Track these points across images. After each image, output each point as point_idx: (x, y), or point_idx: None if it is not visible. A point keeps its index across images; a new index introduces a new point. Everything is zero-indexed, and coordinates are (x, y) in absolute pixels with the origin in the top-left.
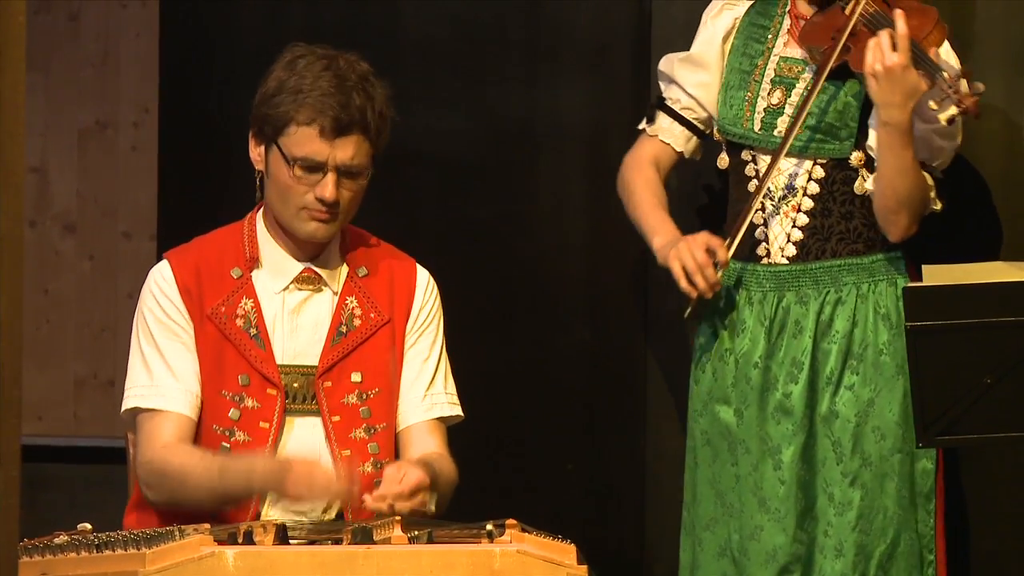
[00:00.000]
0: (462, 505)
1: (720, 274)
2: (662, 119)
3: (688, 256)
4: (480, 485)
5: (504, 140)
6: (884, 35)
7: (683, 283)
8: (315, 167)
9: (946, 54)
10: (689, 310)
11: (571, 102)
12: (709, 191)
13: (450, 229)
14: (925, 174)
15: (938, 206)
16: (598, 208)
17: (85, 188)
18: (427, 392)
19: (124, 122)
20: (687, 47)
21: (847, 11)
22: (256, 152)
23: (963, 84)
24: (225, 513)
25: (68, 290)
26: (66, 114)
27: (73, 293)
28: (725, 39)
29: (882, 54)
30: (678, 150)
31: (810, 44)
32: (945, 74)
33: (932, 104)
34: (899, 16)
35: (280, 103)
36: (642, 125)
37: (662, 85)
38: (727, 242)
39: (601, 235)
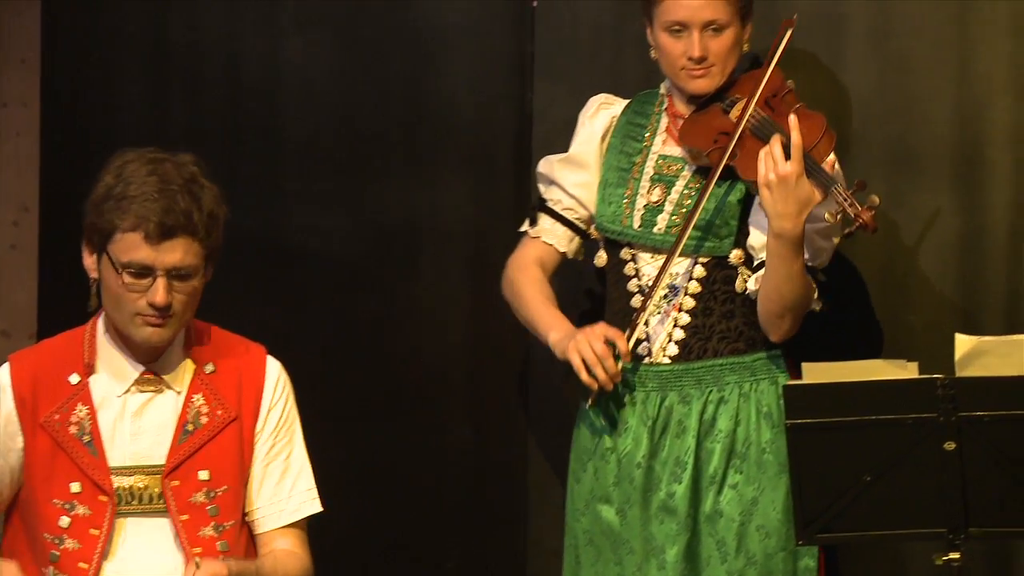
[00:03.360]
0: None
1: (620, 365)
2: (544, 220)
3: (587, 348)
4: None
5: (386, 239)
6: (776, 144)
7: (584, 375)
8: (143, 272)
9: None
10: (591, 401)
11: (453, 201)
12: (590, 295)
13: (332, 327)
14: (810, 277)
15: (818, 307)
16: (480, 307)
17: None
18: (288, 495)
19: (3, 221)
20: (568, 145)
21: (731, 115)
22: (89, 260)
23: (859, 197)
24: None
25: None
26: None
27: None
28: (603, 138)
29: (775, 163)
30: (561, 250)
31: (690, 145)
32: (840, 186)
33: (827, 216)
34: (793, 126)
35: (106, 210)
36: (524, 227)
37: (542, 187)
38: (627, 334)
39: (483, 334)
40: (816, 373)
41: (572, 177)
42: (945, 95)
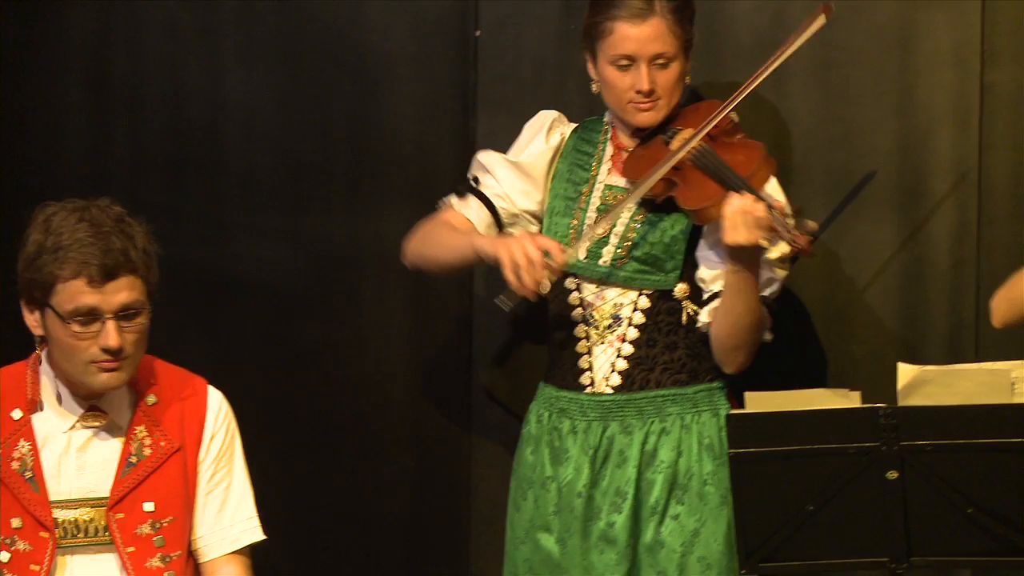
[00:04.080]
0: None
1: (551, 278)
2: (472, 200)
3: (520, 250)
4: None
5: (329, 269)
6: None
7: (510, 275)
8: (91, 317)
9: (772, 190)
10: (507, 302)
11: (395, 232)
12: (532, 324)
13: (275, 357)
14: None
15: (769, 338)
16: (421, 336)
17: None
18: (229, 523)
19: None
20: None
21: (671, 146)
22: (32, 319)
23: (799, 224)
24: None
25: None
26: None
27: None
28: (553, 159)
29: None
30: (479, 231)
31: (634, 179)
32: (776, 212)
33: (762, 242)
34: (694, 141)
35: (43, 265)
36: (449, 198)
37: (479, 173)
38: (568, 250)
39: (424, 363)
40: (759, 402)
41: (515, 182)
42: (887, 125)
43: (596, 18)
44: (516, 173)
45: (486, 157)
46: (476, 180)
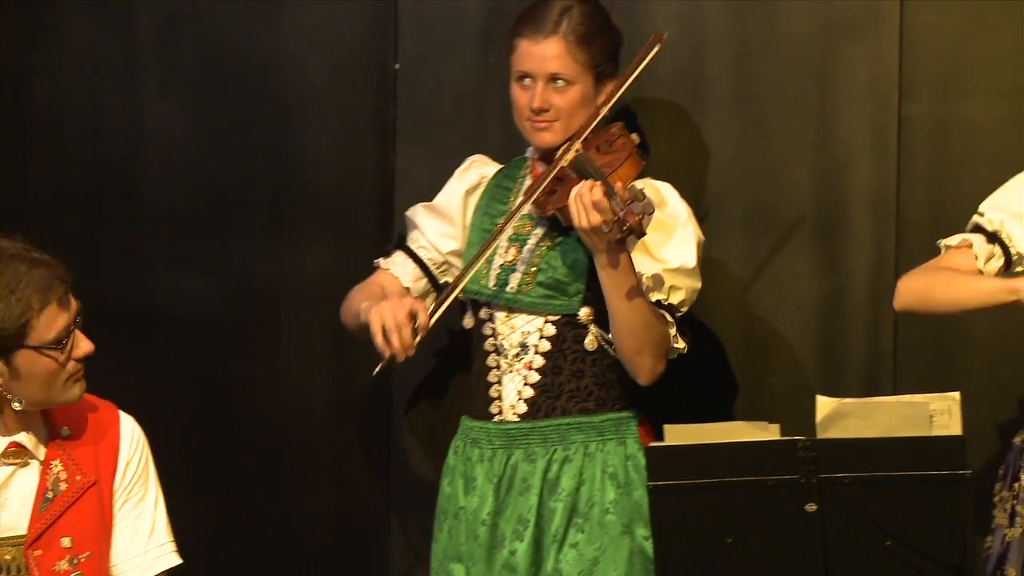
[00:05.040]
0: None
1: (417, 339)
2: (397, 255)
3: (389, 314)
4: None
5: (249, 302)
6: (583, 186)
7: (379, 339)
8: (67, 335)
9: (643, 184)
10: (379, 369)
11: (315, 264)
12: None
13: (195, 390)
14: (664, 312)
15: (681, 344)
16: (342, 370)
17: None
18: (143, 550)
19: None
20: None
21: (562, 162)
22: None
23: (634, 206)
24: None
25: None
26: None
27: None
28: (469, 193)
29: (586, 210)
30: (405, 285)
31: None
32: (618, 196)
33: (603, 227)
34: (573, 150)
35: (4, 313)
36: (378, 261)
37: (406, 230)
38: (431, 308)
39: (345, 397)
40: (678, 435)
41: (434, 225)
42: (806, 158)
43: (508, 35)
44: (434, 217)
45: (410, 211)
46: (402, 237)
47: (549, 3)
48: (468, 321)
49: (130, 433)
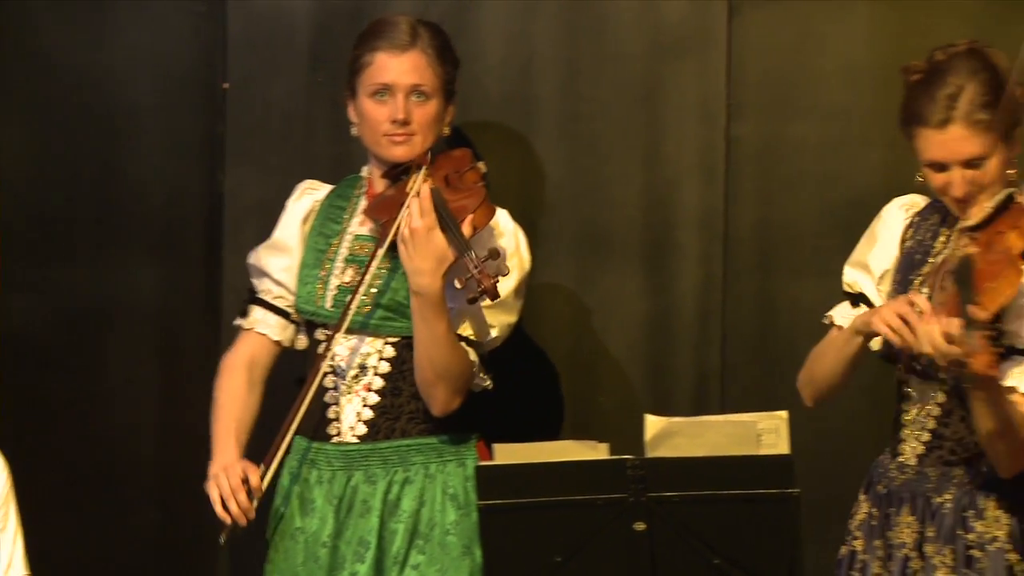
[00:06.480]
0: None
1: (255, 502)
2: (256, 311)
3: (224, 482)
4: None
5: (75, 322)
6: (414, 202)
7: (218, 509)
8: None
9: (489, 236)
10: (224, 536)
11: (143, 284)
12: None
13: (21, 410)
14: (469, 348)
15: (487, 383)
16: (169, 390)
17: None
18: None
19: None
20: (260, 229)
21: (408, 185)
22: None
23: (489, 266)
24: None
25: None
26: None
27: None
28: (304, 220)
29: (409, 218)
30: (275, 339)
31: (375, 217)
32: (473, 253)
33: (456, 283)
34: (426, 182)
35: None
36: (238, 321)
37: (254, 280)
38: (262, 469)
39: (172, 418)
40: (507, 454)
41: (277, 262)
42: (634, 177)
43: (358, 51)
44: (276, 254)
45: (252, 257)
46: (252, 292)
47: (396, 22)
48: (302, 342)
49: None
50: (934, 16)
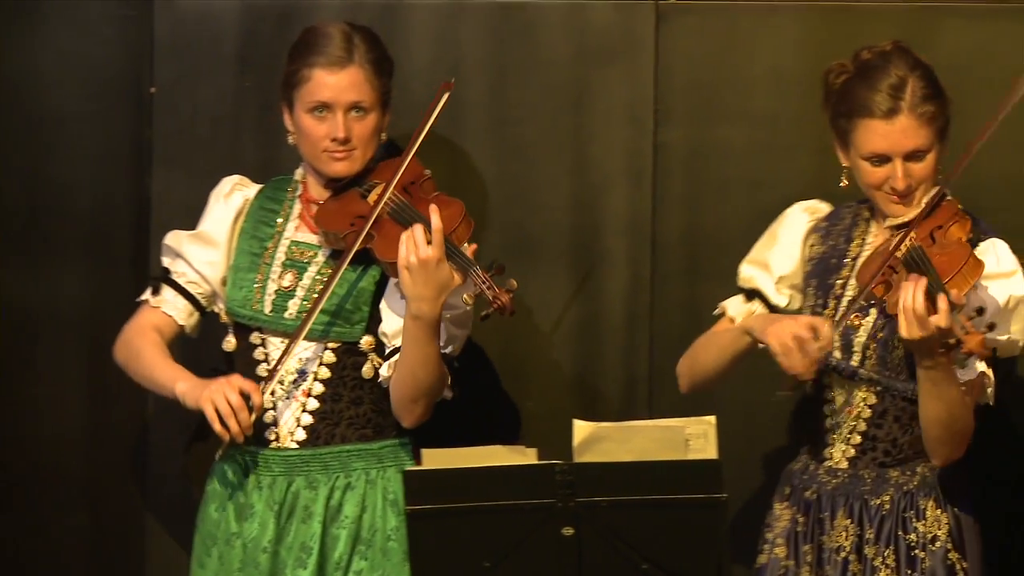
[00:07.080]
0: None
1: (253, 417)
2: (166, 291)
3: (222, 398)
4: None
5: (2, 325)
6: (418, 229)
7: (216, 426)
8: None
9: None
10: (220, 452)
11: (70, 289)
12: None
13: None
14: (444, 364)
15: (450, 395)
16: (97, 394)
17: None
18: None
19: None
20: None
21: (370, 199)
22: None
23: (497, 280)
24: None
25: None
26: None
27: None
28: (236, 219)
29: (416, 247)
30: (180, 323)
31: (327, 229)
32: (479, 269)
33: (466, 298)
34: (434, 211)
35: None
36: (145, 296)
37: (167, 259)
38: (261, 386)
39: (100, 421)
40: (435, 459)
41: (201, 254)
42: (562, 182)
43: (294, 66)
44: (201, 245)
45: (173, 239)
46: (167, 270)
47: (331, 34)
48: (230, 344)
49: None
50: (860, 23)
